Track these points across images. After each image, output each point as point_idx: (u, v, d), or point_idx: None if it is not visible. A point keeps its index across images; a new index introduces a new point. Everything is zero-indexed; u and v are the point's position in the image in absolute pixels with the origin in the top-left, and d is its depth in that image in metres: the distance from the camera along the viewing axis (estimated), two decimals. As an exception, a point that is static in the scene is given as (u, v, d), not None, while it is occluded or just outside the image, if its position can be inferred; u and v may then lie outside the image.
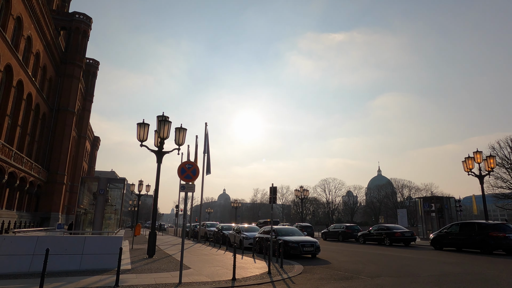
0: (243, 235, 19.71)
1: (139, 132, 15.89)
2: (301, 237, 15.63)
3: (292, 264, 12.37)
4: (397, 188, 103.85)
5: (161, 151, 16.10)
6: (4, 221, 29.11)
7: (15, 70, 31.66)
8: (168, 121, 15.87)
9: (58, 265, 10.47)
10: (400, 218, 50.31)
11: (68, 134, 46.66)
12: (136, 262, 12.73)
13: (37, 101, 39.65)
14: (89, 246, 11.07)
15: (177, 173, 8.88)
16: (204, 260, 13.65)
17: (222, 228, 25.67)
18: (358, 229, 28.22)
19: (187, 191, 8.79)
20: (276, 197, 13.94)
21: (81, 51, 49.84)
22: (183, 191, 8.73)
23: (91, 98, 63.64)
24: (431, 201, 37.96)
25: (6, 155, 29.47)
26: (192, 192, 8.80)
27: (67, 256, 10.70)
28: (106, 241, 11.47)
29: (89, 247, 11.05)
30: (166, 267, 11.49)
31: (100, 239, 11.54)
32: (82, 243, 11.04)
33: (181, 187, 8.73)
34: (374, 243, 25.16)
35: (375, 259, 14.29)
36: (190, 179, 8.90)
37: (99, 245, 11.21)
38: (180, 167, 8.93)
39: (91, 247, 11.07)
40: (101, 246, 11.22)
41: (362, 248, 21.17)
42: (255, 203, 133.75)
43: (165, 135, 15.86)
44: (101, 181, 21.44)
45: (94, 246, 11.13)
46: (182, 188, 8.74)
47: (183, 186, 8.76)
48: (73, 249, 10.86)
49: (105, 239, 11.54)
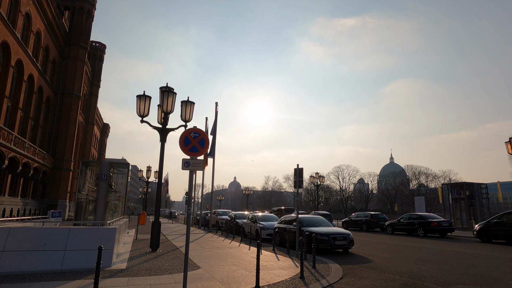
0: (260, 225, 17.44)
1: (139, 106, 13.57)
2: (331, 228, 13.21)
3: (325, 262, 10.00)
4: (414, 175, 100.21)
5: (165, 128, 13.77)
6: (5, 208, 27.57)
7: (12, 49, 29.61)
8: (172, 92, 13.48)
9: (34, 264, 8.34)
10: (417, 206, 47.49)
11: (74, 119, 44.91)
12: (135, 258, 10.55)
13: (40, 84, 37.77)
14: (74, 240, 8.89)
15: (179, 145, 6.49)
16: (216, 256, 11.41)
17: (235, 216, 23.49)
18: (384, 217, 25.69)
19: (192, 169, 6.39)
20: (302, 180, 11.49)
21: (85, 32, 47.60)
22: (187, 168, 6.34)
23: (98, 83, 61.73)
24: (460, 188, 35.00)
25: (6, 139, 27.71)
26: (200, 171, 6.40)
27: (46, 253, 8.55)
28: (96, 234, 9.27)
29: (74, 241, 8.87)
30: (170, 266, 9.25)
31: (88, 231, 9.34)
32: (65, 236, 8.86)
33: (185, 164, 6.35)
34: (403, 234, 22.67)
35: (424, 256, 11.80)
36: (197, 153, 6.50)
37: (87, 239, 9.03)
38: (182, 136, 6.53)
39: (76, 241, 8.89)
40: (90, 239, 9.03)
41: (394, 239, 18.70)
42: (266, 191, 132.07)
43: (169, 109, 13.49)
44: (103, 165, 19.29)
45: (80, 240, 8.95)
46: (185, 164, 6.35)
47: (187, 162, 6.37)
48: (54, 244, 8.69)
49: (95, 231, 9.34)
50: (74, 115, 44.81)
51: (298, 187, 11.44)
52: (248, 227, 18.59)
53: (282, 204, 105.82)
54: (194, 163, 6.41)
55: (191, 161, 6.41)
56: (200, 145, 6.54)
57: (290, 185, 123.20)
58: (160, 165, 13.33)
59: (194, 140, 6.51)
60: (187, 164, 6.36)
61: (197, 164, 6.43)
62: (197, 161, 6.45)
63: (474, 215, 32.53)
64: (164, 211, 72.66)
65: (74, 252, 8.75)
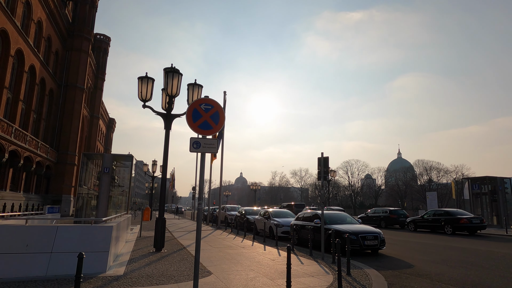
0: (274, 222, 15.93)
1: (140, 89, 12.11)
2: (358, 226, 11.65)
3: (358, 266, 8.46)
4: (425, 170, 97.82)
5: (170, 114, 12.29)
6: (5, 203, 26.49)
7: (12, 37, 28.38)
8: (178, 73, 11.99)
9: (13, 269, 6.94)
10: (429, 202, 45.63)
11: (78, 112, 43.79)
12: (136, 261, 9.13)
13: (42, 75, 36.60)
14: (63, 240, 7.48)
15: (186, 120, 4.99)
16: (229, 258, 9.94)
17: (245, 212, 22.03)
18: (404, 213, 24.01)
19: (203, 151, 4.86)
20: (328, 170, 9.93)
21: (89, 23, 46.32)
22: (197, 150, 4.83)
23: (103, 76, 60.55)
24: (482, 182, 33.09)
25: (5, 131, 26.55)
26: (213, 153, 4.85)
27: (28, 257, 7.16)
28: (88, 233, 7.84)
29: (62, 241, 7.46)
30: (176, 271, 7.80)
31: (79, 230, 7.91)
32: (52, 236, 7.45)
33: (194, 144, 4.83)
34: (427, 231, 21.02)
35: (471, 258, 10.19)
36: (209, 131, 4.98)
37: (78, 239, 7.61)
38: (191, 108, 5.02)
39: (65, 242, 7.48)
40: (81, 239, 7.62)
41: (421, 237, 17.08)
42: (273, 187, 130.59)
43: (174, 92, 12.01)
44: (106, 158, 17.96)
45: (70, 240, 7.53)
46: (195, 145, 4.84)
47: (196, 142, 4.85)
48: (38, 245, 7.29)
49: (88, 229, 7.91)
50: (78, 108, 43.68)
51: (323, 179, 9.87)
52: (261, 224, 17.11)
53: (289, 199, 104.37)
54: (206, 144, 4.89)
55: (202, 141, 4.89)
56: (214, 120, 5.02)
57: (297, 180, 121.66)
58: (165, 155, 11.87)
59: (205, 114, 5.00)
60: (196, 145, 4.84)
61: (210, 145, 4.90)
62: (209, 141, 4.93)
63: (497, 211, 30.68)
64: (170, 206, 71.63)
65: (62, 255, 7.34)
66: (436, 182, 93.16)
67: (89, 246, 7.62)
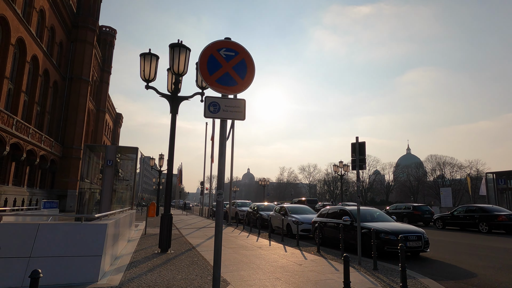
0: (292, 218, 14.37)
1: (143, 67, 10.59)
2: (395, 224, 9.99)
3: (411, 276, 6.84)
4: (438, 165, 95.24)
5: (176, 96, 10.78)
6: (7, 198, 25.44)
7: (12, 25, 27.14)
8: (185, 48, 10.44)
9: (-20, 278, 5.52)
10: (443, 198, 43.73)
11: (83, 105, 42.66)
12: (137, 265, 7.66)
13: (46, 67, 35.43)
14: (45, 242, 6.02)
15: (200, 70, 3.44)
16: (246, 260, 8.42)
17: (258, 208, 20.52)
18: (429, 210, 22.20)
19: (224, 117, 3.27)
20: (365, 158, 8.31)
21: (94, 14, 45.03)
22: (214, 115, 3.25)
23: (109, 69, 59.38)
24: (509, 177, 31.08)
25: (5, 123, 25.39)
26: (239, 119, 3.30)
27: (1, 262, 5.72)
28: (77, 232, 6.36)
29: (44, 243, 6.01)
30: (185, 280, 6.29)
31: (66, 228, 6.42)
32: (32, 236, 6.00)
33: (210, 106, 3.26)
34: (455, 229, 19.27)
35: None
36: (233, 88, 3.39)
37: (64, 240, 6.15)
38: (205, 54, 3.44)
39: (48, 244, 6.03)
40: (68, 241, 6.16)
41: (456, 237, 15.37)
42: (281, 182, 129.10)
43: (181, 69, 10.46)
44: (109, 150, 16.54)
45: (53, 242, 6.08)
46: (211, 107, 3.28)
47: (214, 103, 3.28)
48: (14, 248, 5.84)
49: (76, 228, 6.43)
50: (83, 101, 42.55)
51: (358, 168, 8.26)
52: (277, 221, 15.56)
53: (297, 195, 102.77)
54: (228, 106, 3.33)
55: (222, 102, 3.32)
56: (239, 72, 3.45)
57: (305, 176, 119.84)
58: (171, 141, 10.36)
59: (226, 64, 3.43)
60: (214, 107, 3.28)
61: (234, 108, 3.33)
62: (232, 102, 3.35)
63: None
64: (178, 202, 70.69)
65: (44, 261, 5.88)
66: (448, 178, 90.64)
67: (78, 248, 6.15)
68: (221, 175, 3.52)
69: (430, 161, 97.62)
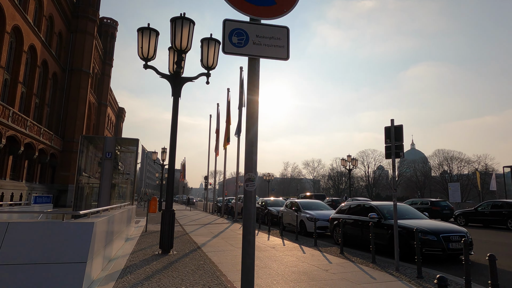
0: (306, 215, 13.12)
1: (141, 44, 9.31)
2: (431, 222, 8.69)
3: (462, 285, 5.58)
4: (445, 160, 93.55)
5: (179, 76, 9.50)
6: (3, 193, 24.40)
7: (7, 12, 25.91)
8: (188, 20, 9.13)
9: None
10: (451, 193, 42.34)
11: (84, 98, 41.51)
12: (132, 271, 6.44)
13: (44, 57, 34.24)
14: (15, 246, 4.80)
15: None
16: (261, 264, 7.18)
17: (266, 203, 19.31)
18: (448, 205, 20.87)
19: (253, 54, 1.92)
20: (402, 145, 7.01)
21: (94, 4, 43.70)
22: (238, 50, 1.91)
23: (111, 62, 58.13)
24: (528, 171, 29.59)
25: (0, 115, 24.26)
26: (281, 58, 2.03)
27: (-44, 271, 4.50)
28: (56, 233, 5.11)
29: (14, 247, 4.78)
30: (190, 293, 5.05)
31: (42, 228, 5.19)
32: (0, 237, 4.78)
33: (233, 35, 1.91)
34: (479, 225, 17.97)
35: None
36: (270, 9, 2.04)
37: (40, 242, 4.93)
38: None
39: (18, 248, 4.80)
40: (45, 243, 4.93)
41: (482, 234, 14.09)
42: (285, 178, 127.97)
43: (184, 45, 9.17)
44: (108, 141, 15.42)
45: (26, 245, 4.85)
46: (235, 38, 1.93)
47: (240, 31, 1.94)
48: (-25, 253, 4.63)
49: (55, 228, 5.19)
50: (83, 93, 41.40)
51: (394, 156, 6.96)
52: (289, 217, 14.31)
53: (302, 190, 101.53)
54: (261, 36, 1.99)
55: (252, 29, 1.99)
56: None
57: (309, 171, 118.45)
58: (173, 127, 9.10)
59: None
60: (240, 38, 1.95)
61: (271, 40, 2.01)
62: (270, 31, 2.02)
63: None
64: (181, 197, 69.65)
65: (13, 269, 4.67)
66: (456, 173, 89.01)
67: (57, 253, 4.92)
68: (251, 147, 2.24)
69: (437, 155, 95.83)
